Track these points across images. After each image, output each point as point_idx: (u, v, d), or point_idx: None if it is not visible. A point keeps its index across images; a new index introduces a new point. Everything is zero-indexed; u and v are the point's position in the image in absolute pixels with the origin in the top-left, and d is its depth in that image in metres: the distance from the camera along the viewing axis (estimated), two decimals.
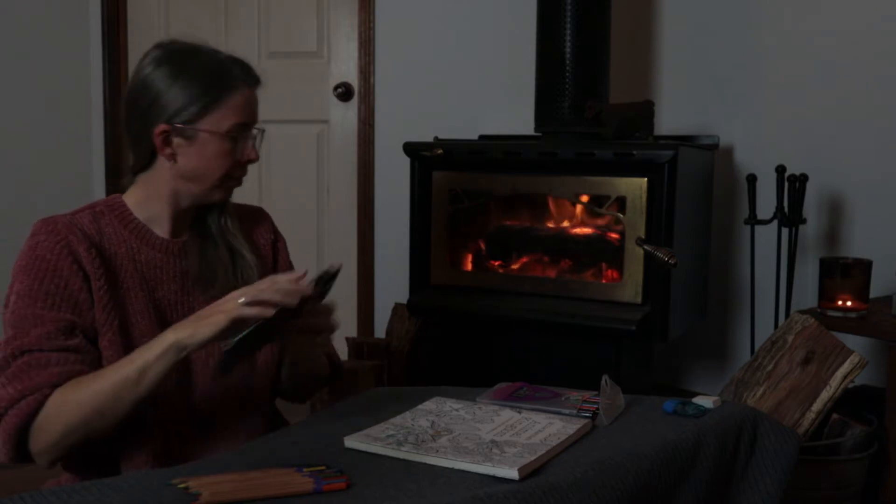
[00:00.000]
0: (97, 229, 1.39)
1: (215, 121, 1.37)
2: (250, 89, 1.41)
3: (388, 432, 1.28)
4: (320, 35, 3.29)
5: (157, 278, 1.42)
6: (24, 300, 1.30)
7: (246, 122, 1.40)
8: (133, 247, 1.41)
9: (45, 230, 1.35)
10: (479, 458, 1.16)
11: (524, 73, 2.73)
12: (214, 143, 1.38)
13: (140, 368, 1.23)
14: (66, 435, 1.24)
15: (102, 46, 3.44)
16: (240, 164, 1.42)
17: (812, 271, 2.54)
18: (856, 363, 1.98)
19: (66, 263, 1.32)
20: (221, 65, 1.39)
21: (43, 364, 1.26)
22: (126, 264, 1.39)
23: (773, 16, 2.80)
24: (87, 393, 1.23)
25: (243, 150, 1.42)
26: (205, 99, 1.37)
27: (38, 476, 1.50)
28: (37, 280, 1.31)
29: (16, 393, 1.24)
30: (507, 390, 1.52)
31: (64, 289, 1.32)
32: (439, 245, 2.64)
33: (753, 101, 2.85)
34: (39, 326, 1.28)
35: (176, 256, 1.44)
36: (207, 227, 1.49)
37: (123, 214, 1.42)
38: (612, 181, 2.40)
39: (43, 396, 1.24)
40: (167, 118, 1.37)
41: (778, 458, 1.42)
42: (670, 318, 2.38)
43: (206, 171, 1.40)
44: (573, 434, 1.29)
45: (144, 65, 1.39)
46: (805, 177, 2.47)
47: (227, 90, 1.38)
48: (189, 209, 1.46)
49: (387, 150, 3.15)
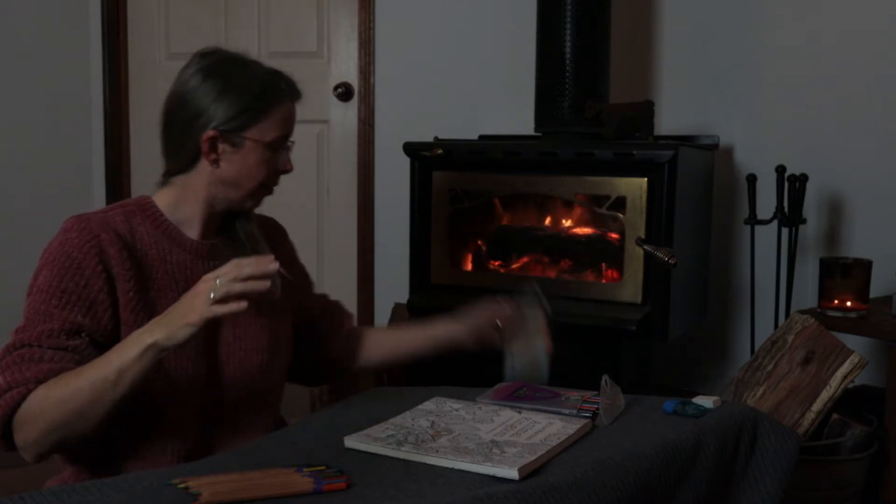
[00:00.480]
0: (129, 229, 1.41)
1: (261, 131, 1.42)
2: (293, 103, 1.47)
3: (388, 432, 1.28)
4: (320, 35, 3.29)
5: (187, 279, 1.43)
6: (42, 294, 1.33)
7: (286, 135, 1.46)
8: (164, 247, 1.43)
9: (77, 227, 1.37)
10: (479, 458, 1.17)
11: (524, 73, 2.73)
12: (258, 152, 1.43)
13: (118, 369, 1.23)
14: (49, 432, 1.25)
15: (102, 46, 3.44)
16: (276, 174, 1.47)
17: (812, 271, 2.54)
18: (856, 363, 1.98)
19: (92, 264, 1.34)
20: (269, 77, 1.45)
21: (36, 359, 1.28)
22: (157, 265, 1.42)
23: (773, 16, 2.80)
24: (67, 391, 1.23)
25: (281, 161, 1.47)
26: (254, 109, 1.42)
27: (39, 476, 1.50)
28: (58, 276, 1.33)
29: (3, 383, 1.26)
30: (507, 390, 1.52)
31: (83, 288, 1.33)
32: (439, 245, 2.64)
33: (753, 101, 2.85)
34: (46, 323, 1.30)
35: (204, 258, 1.46)
36: (235, 233, 1.52)
37: (155, 215, 1.46)
38: (612, 181, 2.40)
39: (26, 391, 1.25)
40: (216, 125, 1.41)
41: (778, 458, 1.42)
42: (670, 318, 2.38)
43: (246, 178, 1.44)
44: (573, 434, 1.29)
45: (189, 75, 1.43)
46: (805, 177, 2.47)
47: (274, 102, 1.43)
48: (219, 214, 1.49)
49: (387, 150, 3.15)
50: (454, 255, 2.67)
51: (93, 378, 1.23)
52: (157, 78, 3.46)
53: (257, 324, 1.49)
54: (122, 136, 3.49)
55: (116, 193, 3.47)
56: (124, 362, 1.23)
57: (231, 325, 1.46)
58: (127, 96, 3.49)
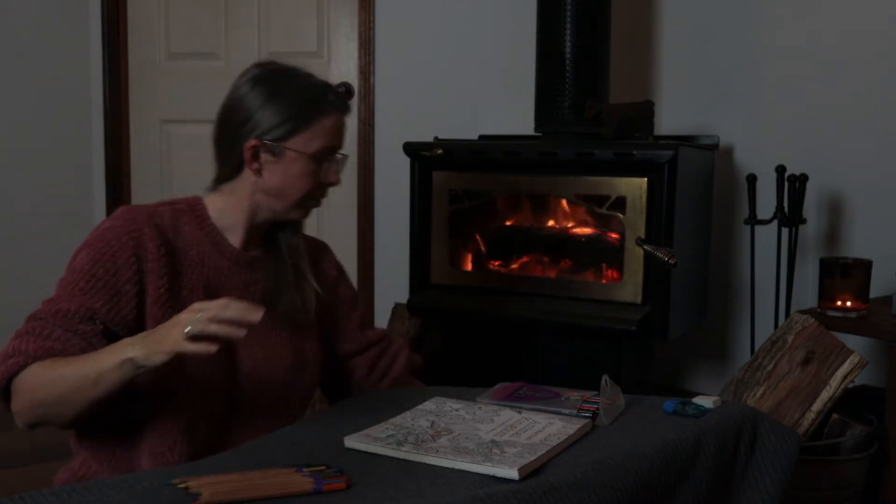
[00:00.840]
0: (174, 226, 1.44)
1: (303, 141, 1.43)
2: (340, 115, 1.46)
3: (388, 432, 1.28)
4: (320, 35, 3.29)
5: (220, 285, 1.46)
6: (74, 275, 1.37)
7: (332, 147, 1.46)
8: (204, 250, 1.45)
9: (123, 217, 1.41)
10: (479, 458, 1.17)
11: (524, 73, 2.73)
12: (300, 162, 1.43)
13: (98, 372, 1.25)
14: (32, 407, 1.30)
15: (102, 46, 3.45)
16: (321, 186, 1.47)
17: (812, 271, 2.54)
18: (856, 363, 1.98)
19: (126, 255, 1.37)
20: (316, 89, 1.46)
21: (44, 335, 1.31)
22: (193, 266, 1.44)
23: (773, 16, 2.80)
24: (55, 375, 1.27)
25: (326, 173, 1.47)
26: (296, 119, 1.43)
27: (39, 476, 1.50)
28: (92, 260, 1.37)
29: (10, 350, 1.31)
30: (507, 390, 1.52)
31: (112, 276, 1.36)
32: (439, 245, 2.64)
33: (753, 101, 2.85)
34: (65, 303, 1.34)
35: (243, 268, 1.48)
36: (277, 244, 1.53)
37: (203, 218, 1.47)
38: (612, 181, 2.40)
39: (24, 362, 1.29)
40: (259, 134, 1.42)
41: (778, 458, 1.42)
42: (670, 318, 2.38)
43: (289, 189, 1.45)
44: (573, 434, 1.29)
45: (242, 83, 1.46)
46: (805, 177, 2.47)
47: (318, 114, 1.43)
48: (263, 224, 1.50)
49: (387, 150, 3.15)
50: (454, 255, 2.67)
51: (77, 372, 1.26)
52: (157, 78, 3.46)
53: (285, 342, 1.50)
54: (122, 136, 3.49)
55: (116, 193, 3.48)
56: (104, 367, 1.25)
57: (260, 340, 1.47)
58: (127, 96, 3.50)
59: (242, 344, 1.45)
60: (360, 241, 3.28)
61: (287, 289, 1.51)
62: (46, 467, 1.49)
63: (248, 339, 1.45)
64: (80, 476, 1.40)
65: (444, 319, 2.67)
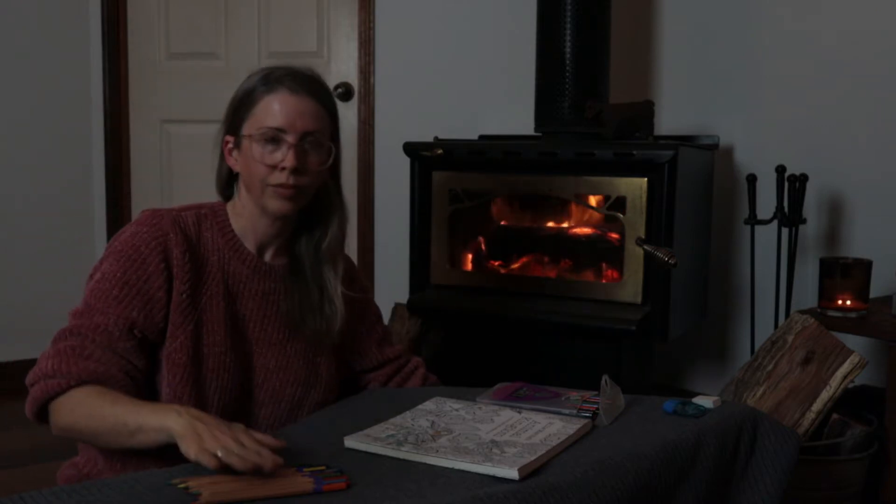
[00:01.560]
0: (197, 232, 1.44)
1: (251, 125, 1.42)
2: (291, 95, 1.41)
3: (388, 432, 1.28)
4: (320, 35, 3.29)
5: (239, 292, 1.45)
6: (106, 282, 1.36)
7: (275, 127, 1.40)
8: (225, 256, 1.45)
9: (149, 221, 1.40)
10: (479, 458, 1.17)
11: (524, 73, 2.73)
12: (251, 147, 1.42)
13: (139, 425, 1.22)
14: (71, 432, 1.30)
15: (102, 46, 3.44)
16: (272, 171, 1.42)
17: (812, 271, 2.54)
18: (856, 363, 1.98)
19: (156, 260, 1.37)
20: (262, 72, 1.44)
21: (85, 356, 1.31)
22: (215, 272, 1.44)
23: (773, 16, 2.80)
24: (96, 412, 1.26)
25: (272, 156, 1.41)
26: (243, 107, 1.43)
27: (39, 476, 1.50)
28: (122, 267, 1.36)
29: (49, 370, 1.30)
30: (507, 390, 1.52)
31: (144, 282, 1.37)
32: (439, 245, 2.64)
33: (753, 101, 2.85)
34: (103, 316, 1.34)
35: (262, 276, 1.48)
36: (299, 257, 1.51)
37: (223, 223, 1.48)
38: (612, 181, 2.40)
39: (66, 385, 1.28)
40: (226, 129, 1.46)
41: (778, 458, 1.42)
42: (670, 318, 2.38)
43: (249, 176, 1.44)
44: (573, 434, 1.29)
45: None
46: (805, 177, 2.47)
47: (262, 94, 1.42)
48: (273, 228, 1.48)
49: (387, 150, 3.15)
50: (454, 255, 2.67)
51: (118, 417, 1.24)
52: (157, 78, 3.46)
53: (300, 357, 1.50)
54: (122, 136, 3.49)
55: (116, 193, 3.48)
56: (144, 424, 1.22)
57: (275, 353, 1.47)
58: (127, 96, 3.49)
59: (257, 353, 1.46)
60: (360, 241, 3.27)
61: (311, 311, 1.49)
62: (46, 467, 1.49)
63: (262, 349, 1.46)
64: (85, 474, 1.41)
65: (444, 319, 2.67)
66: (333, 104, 1.50)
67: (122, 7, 3.44)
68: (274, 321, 1.48)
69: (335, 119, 1.50)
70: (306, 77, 1.45)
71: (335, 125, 1.49)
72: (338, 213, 1.53)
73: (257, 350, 1.47)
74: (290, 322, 1.48)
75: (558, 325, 2.41)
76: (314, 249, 1.51)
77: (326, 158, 1.45)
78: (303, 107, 1.42)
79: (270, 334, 1.48)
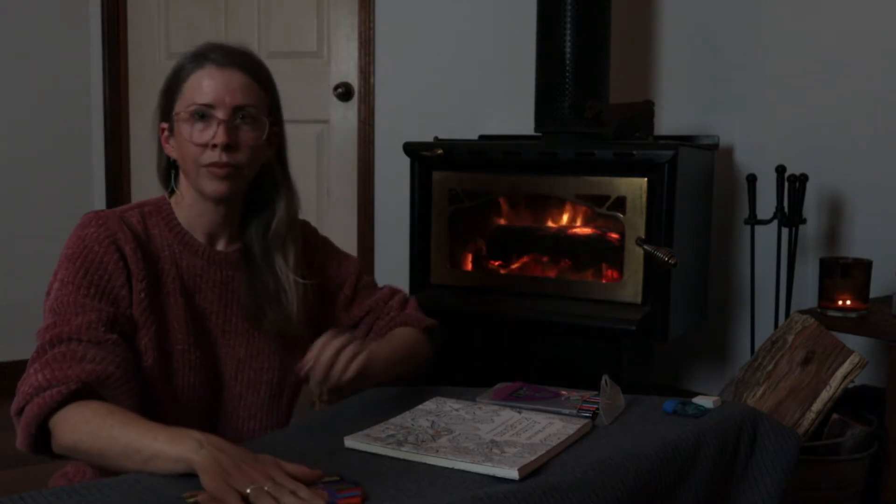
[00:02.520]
0: (144, 229, 1.38)
1: (181, 105, 1.37)
2: (218, 69, 1.35)
3: (388, 432, 1.28)
4: (320, 35, 3.29)
5: (196, 286, 1.40)
6: (67, 288, 1.28)
7: (208, 104, 1.34)
8: (176, 251, 1.39)
9: (95, 223, 1.34)
10: (479, 458, 1.16)
11: (524, 73, 2.73)
12: (182, 128, 1.36)
13: (153, 453, 1.12)
14: (75, 450, 1.19)
15: (102, 46, 3.44)
16: (199, 149, 1.35)
17: (812, 271, 2.54)
18: (856, 363, 1.98)
19: (113, 259, 1.31)
20: (198, 50, 1.38)
21: (79, 357, 1.22)
22: (168, 268, 1.38)
23: (773, 16, 2.80)
24: (104, 432, 1.15)
25: (197, 133, 1.35)
26: (172, 88, 1.38)
27: (38, 476, 1.50)
28: (81, 269, 1.29)
29: (44, 381, 1.19)
30: (507, 390, 1.52)
31: (107, 282, 1.30)
32: (439, 245, 2.64)
33: (753, 101, 2.85)
34: (81, 315, 1.26)
35: (217, 265, 1.42)
36: (249, 244, 1.45)
37: (169, 217, 1.42)
38: (612, 181, 2.40)
39: (68, 390, 1.18)
40: (160, 116, 1.42)
41: (778, 458, 1.42)
42: (670, 318, 2.38)
43: (183, 158, 1.38)
44: (573, 434, 1.29)
45: None
46: (805, 177, 2.47)
47: (189, 71, 1.36)
48: (218, 214, 1.41)
49: (387, 150, 3.15)
50: (454, 254, 2.67)
51: (131, 443, 1.13)
52: (157, 78, 3.41)
53: (271, 341, 1.45)
54: (122, 136, 3.49)
55: (116, 193, 3.47)
56: (161, 452, 1.11)
57: (243, 341, 1.43)
58: (127, 96, 3.50)
59: (224, 345, 1.42)
60: (360, 241, 3.27)
61: (268, 301, 1.43)
62: (46, 468, 1.48)
63: (229, 340, 1.42)
64: (75, 483, 1.36)
65: (444, 319, 2.66)
66: (269, 78, 1.42)
67: (122, 7, 3.44)
68: (236, 310, 1.42)
69: (272, 94, 1.42)
70: (236, 51, 1.38)
71: (273, 100, 1.42)
72: (284, 194, 1.46)
73: (223, 342, 1.41)
74: (249, 315, 1.42)
75: (558, 325, 2.41)
76: (262, 235, 1.45)
77: (261, 134, 1.38)
78: (232, 81, 1.35)
79: (235, 324, 1.42)
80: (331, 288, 1.58)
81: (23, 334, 3.18)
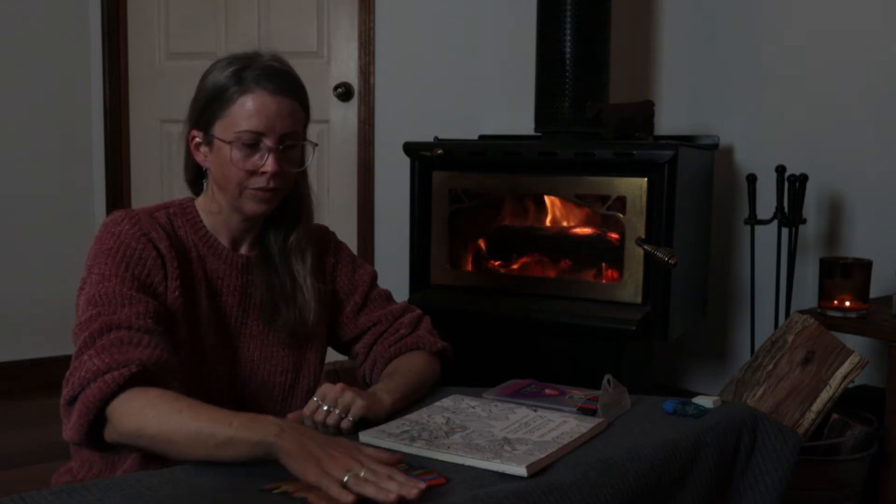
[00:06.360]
0: (172, 230, 1.39)
1: (223, 127, 1.36)
2: (269, 96, 1.34)
3: (403, 428, 1.29)
4: (320, 35, 3.29)
5: (219, 288, 1.42)
6: (111, 280, 1.27)
7: (252, 132, 1.34)
8: (201, 253, 1.41)
9: (127, 220, 1.34)
10: (489, 454, 1.17)
11: (524, 73, 2.74)
12: (228, 151, 1.36)
13: (227, 438, 1.10)
14: (138, 436, 1.16)
15: (102, 46, 3.45)
16: (250, 175, 1.36)
17: (812, 271, 2.54)
18: (856, 363, 1.98)
19: (151, 255, 1.32)
20: (241, 69, 1.36)
21: (135, 343, 1.20)
22: (195, 269, 1.40)
23: (774, 16, 2.80)
24: (173, 416, 1.13)
25: (252, 161, 1.36)
26: (215, 104, 1.36)
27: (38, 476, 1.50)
28: (123, 263, 1.29)
29: (103, 365, 1.17)
30: (514, 387, 1.54)
31: (147, 276, 1.31)
32: (439, 245, 2.64)
33: (753, 101, 2.86)
34: (128, 307, 1.25)
35: (239, 270, 1.44)
36: (269, 249, 1.47)
37: (194, 220, 1.43)
38: (612, 181, 2.40)
39: (130, 373, 1.16)
40: (193, 124, 1.40)
41: (778, 458, 1.43)
42: (670, 318, 2.38)
43: (223, 178, 1.39)
44: (586, 433, 1.29)
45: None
46: (805, 177, 2.47)
47: (235, 95, 1.34)
48: (246, 224, 1.44)
49: (387, 150, 3.15)
50: (454, 255, 2.67)
51: (203, 427, 1.12)
52: (157, 78, 3.46)
53: (284, 345, 1.47)
54: (122, 136, 3.49)
55: (116, 193, 3.48)
56: (238, 437, 1.10)
57: (258, 344, 1.45)
58: (127, 96, 3.50)
59: (241, 347, 1.44)
60: (360, 242, 3.27)
61: (284, 301, 1.45)
62: (46, 467, 1.48)
63: (245, 342, 1.44)
64: (80, 478, 1.38)
65: (444, 319, 2.66)
66: (306, 95, 1.43)
67: (122, 7, 3.44)
68: (252, 313, 1.45)
69: (308, 111, 1.44)
70: (281, 72, 1.38)
71: (308, 117, 1.44)
72: (304, 202, 1.49)
73: (241, 344, 1.44)
74: (263, 312, 1.45)
75: (558, 325, 2.41)
76: (283, 240, 1.47)
77: (303, 157, 1.41)
78: (282, 108, 1.35)
79: (251, 326, 1.45)
80: (341, 294, 1.60)
81: (23, 334, 3.20)
